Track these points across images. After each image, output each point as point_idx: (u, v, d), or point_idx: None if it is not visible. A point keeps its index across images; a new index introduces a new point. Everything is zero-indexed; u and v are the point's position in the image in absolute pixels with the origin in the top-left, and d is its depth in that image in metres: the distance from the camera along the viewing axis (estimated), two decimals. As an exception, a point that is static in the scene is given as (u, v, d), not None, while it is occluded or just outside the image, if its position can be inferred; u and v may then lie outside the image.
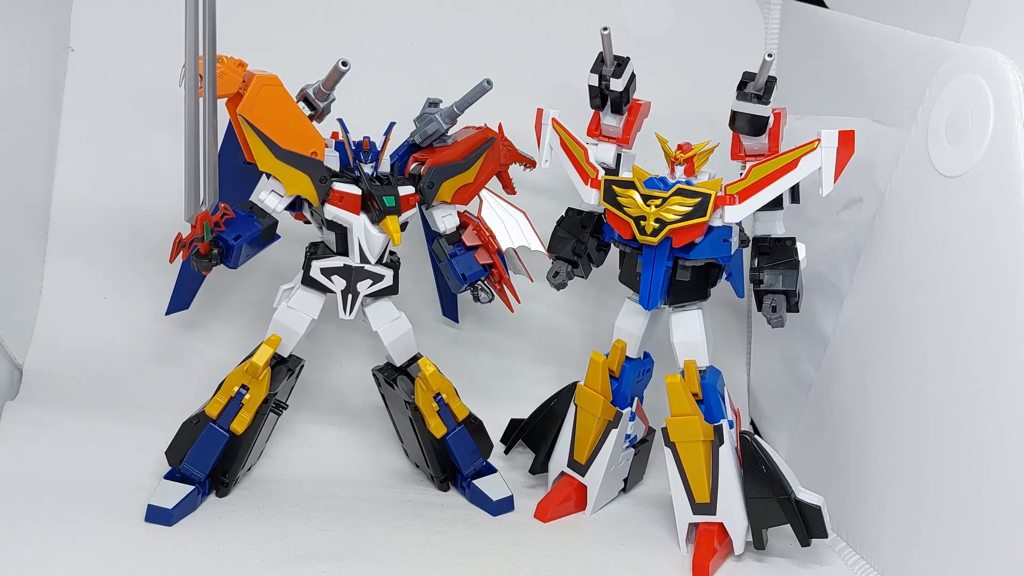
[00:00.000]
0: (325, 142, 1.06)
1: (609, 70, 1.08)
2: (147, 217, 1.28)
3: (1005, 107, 0.90)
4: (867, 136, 1.08)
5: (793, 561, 1.08)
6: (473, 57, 1.38)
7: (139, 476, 1.08)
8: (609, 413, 1.13)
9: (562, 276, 1.15)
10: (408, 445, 1.22)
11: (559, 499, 1.16)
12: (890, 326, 1.08)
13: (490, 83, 1.11)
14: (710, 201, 1.02)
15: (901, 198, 1.09)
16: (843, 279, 1.20)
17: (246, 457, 1.10)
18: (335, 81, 1.05)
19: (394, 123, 1.10)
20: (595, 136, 1.14)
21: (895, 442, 1.04)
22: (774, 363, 1.40)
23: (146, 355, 1.29)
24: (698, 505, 1.08)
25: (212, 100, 0.94)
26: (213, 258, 1.01)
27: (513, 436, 1.26)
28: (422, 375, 1.10)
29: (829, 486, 1.11)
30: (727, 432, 1.06)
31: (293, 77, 1.04)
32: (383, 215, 1.06)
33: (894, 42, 1.15)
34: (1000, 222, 0.89)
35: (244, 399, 1.05)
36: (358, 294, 1.10)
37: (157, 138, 1.28)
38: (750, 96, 1.03)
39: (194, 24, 0.88)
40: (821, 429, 1.23)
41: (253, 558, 0.96)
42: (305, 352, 1.16)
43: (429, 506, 1.14)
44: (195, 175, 0.94)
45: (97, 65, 1.30)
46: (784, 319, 1.06)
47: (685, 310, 1.10)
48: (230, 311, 1.32)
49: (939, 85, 1.03)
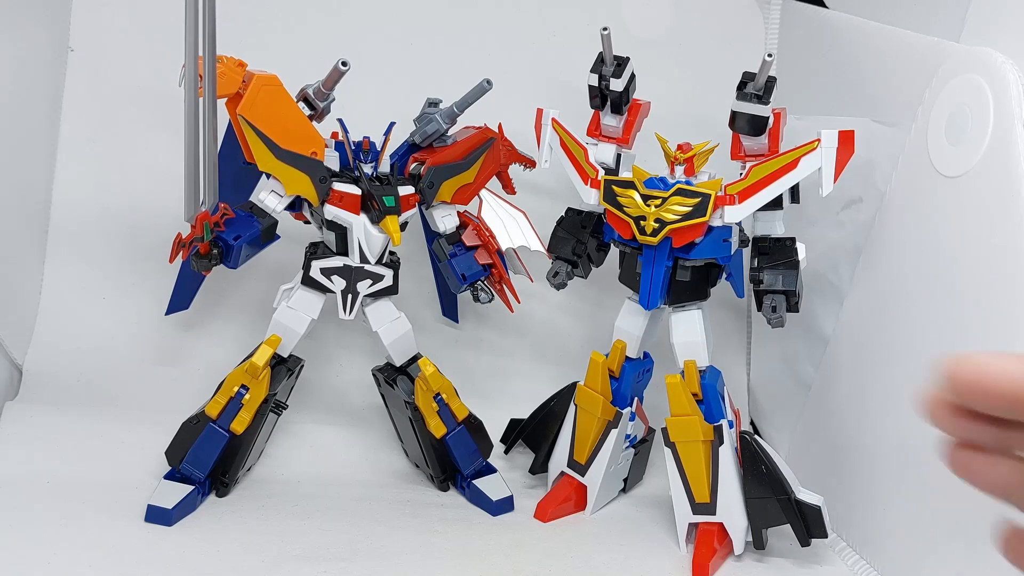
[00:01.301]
0: (325, 142, 1.06)
1: (609, 70, 1.08)
2: (147, 217, 1.28)
3: (1005, 107, 0.90)
4: (867, 136, 1.08)
5: (793, 561, 1.08)
6: (473, 57, 1.38)
7: (139, 476, 1.08)
8: (609, 413, 1.13)
9: (562, 276, 1.15)
10: (408, 445, 1.22)
11: (559, 499, 1.16)
12: (890, 326, 1.08)
13: (490, 83, 1.11)
14: (710, 201, 1.02)
15: (901, 198, 1.09)
16: (843, 279, 1.20)
17: (246, 457, 1.10)
18: (335, 81, 1.05)
19: (394, 123, 1.10)
20: (595, 136, 1.14)
21: (895, 442, 1.04)
22: (774, 363, 1.40)
23: (146, 355, 1.29)
24: (698, 505, 1.08)
25: (212, 100, 0.94)
26: (213, 258, 1.01)
27: (513, 436, 1.26)
28: (422, 375, 1.10)
29: (829, 486, 1.11)
30: (727, 432, 1.06)
31: (293, 77, 1.04)
32: (383, 215, 1.06)
33: (894, 42, 1.15)
34: (1000, 222, 0.89)
35: (244, 399, 1.05)
36: (358, 294, 1.10)
37: (157, 138, 1.28)
38: (750, 96, 1.03)
39: (194, 24, 0.88)
40: (821, 429, 1.23)
41: (253, 558, 0.96)
42: (305, 352, 1.16)
43: (429, 506, 1.14)
44: (195, 175, 0.94)
45: (97, 65, 1.30)
46: (784, 319, 1.06)
47: (685, 310, 1.10)
48: (230, 311, 1.32)
49: (939, 85, 1.03)
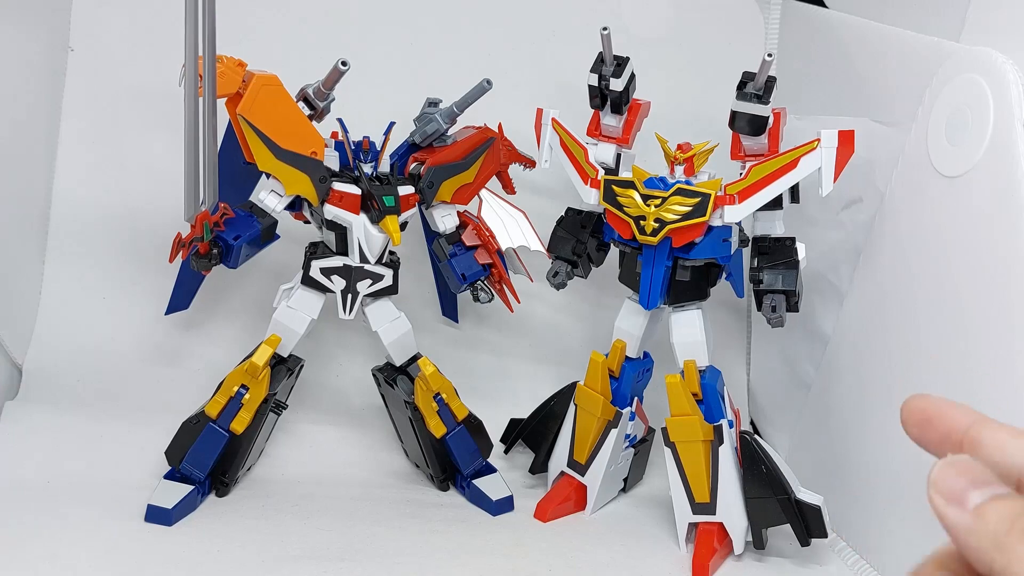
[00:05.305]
0: (325, 142, 1.06)
1: (609, 70, 1.08)
2: (147, 217, 1.28)
3: (1005, 107, 0.90)
4: (867, 136, 1.08)
5: (793, 561, 1.08)
6: (473, 57, 1.38)
7: (139, 476, 1.08)
8: (609, 413, 1.13)
9: (562, 276, 1.15)
10: (408, 445, 1.22)
11: (559, 499, 1.16)
12: (890, 326, 1.08)
13: (490, 83, 1.11)
14: (710, 201, 1.02)
15: (901, 198, 1.09)
16: (843, 279, 1.20)
17: (246, 457, 1.10)
18: (335, 81, 1.05)
19: (394, 123, 1.11)
20: (595, 136, 1.14)
21: (895, 441, 1.04)
22: (774, 363, 1.40)
23: (146, 355, 1.29)
24: (698, 505, 1.08)
25: (212, 100, 0.94)
26: (213, 258, 1.01)
27: (513, 436, 1.26)
28: (422, 375, 1.10)
29: (829, 486, 1.11)
30: (727, 432, 1.06)
31: (293, 77, 1.04)
32: (383, 215, 1.06)
33: (894, 42, 1.15)
34: (1000, 222, 0.89)
35: (244, 399, 1.05)
36: (358, 294, 1.10)
37: (157, 138, 1.28)
38: (750, 96, 1.03)
39: (194, 24, 0.88)
40: (821, 429, 1.23)
41: (253, 558, 0.96)
42: (305, 352, 1.16)
43: (429, 506, 1.14)
44: (195, 175, 0.94)
45: (97, 65, 1.30)
46: (784, 319, 1.06)
47: (685, 310, 1.10)
48: (230, 311, 1.32)
49: (939, 85, 1.03)
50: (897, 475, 1.03)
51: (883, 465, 1.06)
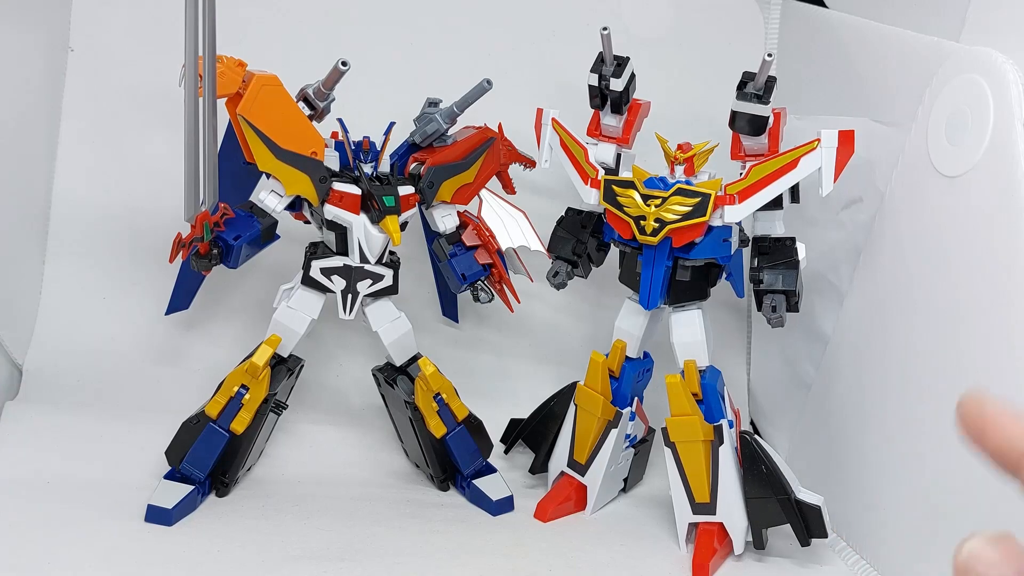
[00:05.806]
0: (325, 142, 1.06)
1: (609, 70, 1.08)
2: (147, 217, 1.28)
3: (1005, 107, 0.90)
4: (867, 136, 1.08)
5: (793, 561, 1.08)
6: (473, 57, 1.38)
7: (139, 476, 1.08)
8: (609, 413, 1.13)
9: (562, 276, 1.15)
10: (408, 445, 1.22)
11: (559, 499, 1.16)
12: (890, 326, 1.08)
13: (490, 83, 1.11)
14: (710, 201, 1.02)
15: (901, 198, 1.09)
16: (843, 279, 1.20)
17: (246, 457, 1.10)
18: (335, 81, 1.05)
19: (394, 123, 1.10)
20: (595, 136, 1.14)
21: (895, 441, 1.04)
22: (774, 363, 1.40)
23: (146, 355, 1.29)
24: (698, 505, 1.08)
25: (212, 100, 0.94)
26: (213, 258, 1.01)
27: (513, 436, 1.26)
28: (422, 375, 1.10)
29: (829, 486, 1.11)
30: (727, 432, 1.06)
31: (293, 77, 1.04)
32: (383, 215, 1.06)
33: (894, 42, 1.15)
34: (1000, 222, 0.89)
35: (244, 399, 1.05)
36: (358, 294, 1.10)
37: (157, 138, 1.28)
38: (750, 96, 1.03)
39: (194, 24, 0.88)
40: (821, 429, 1.23)
41: (253, 558, 0.96)
42: (305, 352, 1.16)
43: (429, 506, 1.14)
44: (195, 175, 0.94)
45: (97, 65, 1.30)
46: (784, 319, 1.06)
47: (685, 310, 1.10)
48: (230, 311, 1.32)
49: (939, 85, 1.03)
50: (897, 475, 1.03)
51: (883, 465, 1.06)
